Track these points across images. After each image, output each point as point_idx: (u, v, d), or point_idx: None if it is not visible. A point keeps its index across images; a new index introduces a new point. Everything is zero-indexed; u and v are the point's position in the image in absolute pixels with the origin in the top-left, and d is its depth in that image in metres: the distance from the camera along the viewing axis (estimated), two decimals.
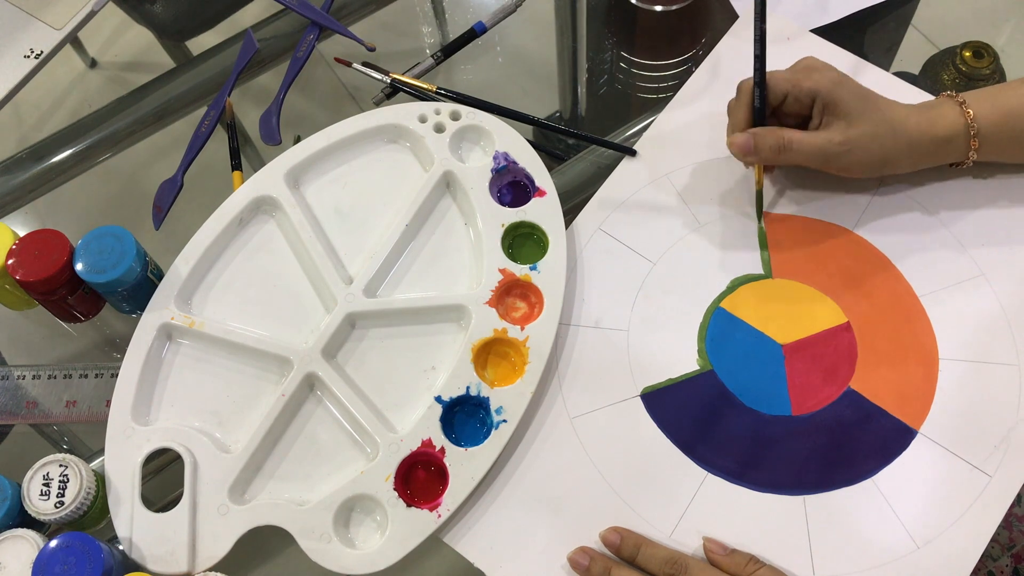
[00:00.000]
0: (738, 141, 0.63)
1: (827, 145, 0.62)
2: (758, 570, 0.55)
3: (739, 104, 0.65)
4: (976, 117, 0.62)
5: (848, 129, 0.61)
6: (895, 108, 0.63)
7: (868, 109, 0.62)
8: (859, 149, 0.62)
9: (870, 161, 0.63)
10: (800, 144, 0.62)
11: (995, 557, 0.71)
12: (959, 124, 0.62)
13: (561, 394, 0.63)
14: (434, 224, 0.68)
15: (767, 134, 0.62)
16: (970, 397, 0.60)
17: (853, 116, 0.61)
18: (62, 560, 0.54)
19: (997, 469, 0.58)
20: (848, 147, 0.61)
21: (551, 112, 0.79)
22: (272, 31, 0.81)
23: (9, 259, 0.63)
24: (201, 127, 0.75)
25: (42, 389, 0.65)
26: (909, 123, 0.62)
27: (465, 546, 0.59)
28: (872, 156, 0.62)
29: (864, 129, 0.61)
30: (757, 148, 0.62)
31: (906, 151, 0.63)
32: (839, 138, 0.61)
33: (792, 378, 0.62)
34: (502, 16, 0.79)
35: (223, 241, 0.67)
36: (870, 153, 0.62)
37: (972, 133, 0.62)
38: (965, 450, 0.59)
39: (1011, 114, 0.62)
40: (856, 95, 0.62)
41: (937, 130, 0.62)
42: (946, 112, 0.62)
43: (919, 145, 0.62)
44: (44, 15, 0.81)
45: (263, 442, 0.60)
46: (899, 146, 0.62)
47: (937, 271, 0.64)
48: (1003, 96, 0.63)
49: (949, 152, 0.64)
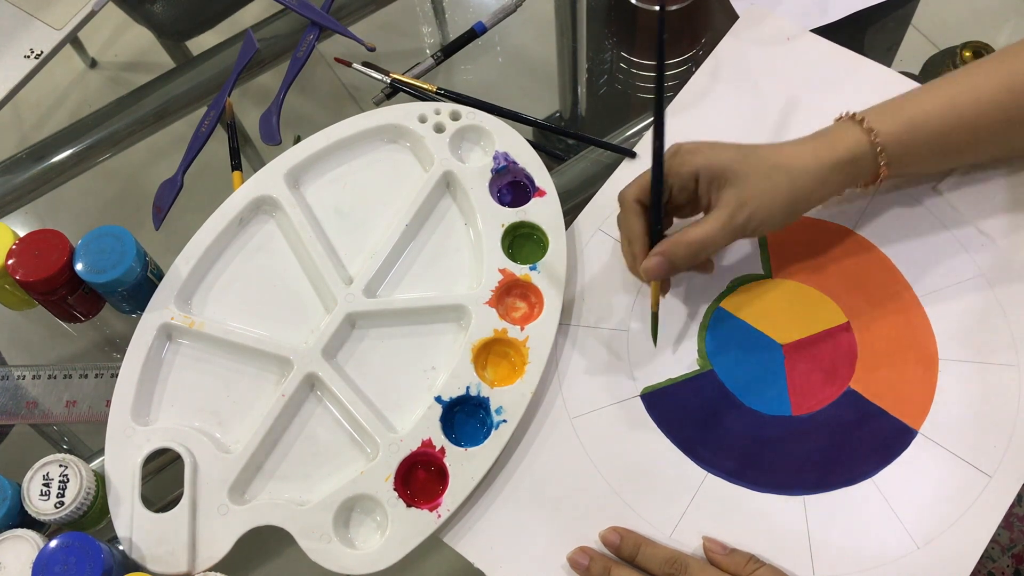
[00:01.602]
0: (651, 266, 0.59)
1: (729, 220, 0.58)
2: (758, 569, 0.55)
3: (628, 218, 0.61)
4: (878, 133, 0.59)
5: (741, 193, 0.58)
6: (782, 149, 0.60)
7: (751, 165, 0.59)
8: (760, 208, 0.58)
9: (777, 212, 0.59)
10: (708, 236, 0.58)
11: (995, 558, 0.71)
12: (862, 142, 0.59)
13: (561, 394, 0.63)
14: (434, 224, 0.68)
15: (675, 247, 0.59)
16: (970, 397, 0.60)
17: (740, 179, 0.58)
18: (62, 560, 0.54)
19: (997, 469, 0.58)
20: (748, 211, 0.58)
21: (551, 112, 0.79)
22: (272, 31, 0.81)
23: (9, 259, 0.63)
24: (201, 127, 0.75)
25: (42, 389, 0.65)
26: (802, 156, 0.59)
27: (465, 546, 0.59)
28: (777, 206, 0.59)
29: (755, 187, 0.58)
30: (673, 264, 0.59)
31: (811, 184, 0.59)
32: (735, 207, 0.58)
33: (792, 378, 0.62)
34: (502, 16, 0.79)
35: (223, 241, 0.67)
36: (773, 205, 0.59)
37: (878, 150, 0.59)
38: (965, 450, 0.59)
39: (914, 125, 0.60)
40: (735, 158, 0.59)
41: (839, 152, 0.59)
42: (845, 134, 0.60)
43: (821, 172, 0.59)
44: (44, 15, 0.81)
45: (263, 442, 0.60)
46: (800, 183, 0.59)
47: (937, 271, 0.64)
48: (903, 108, 0.60)
49: (857, 172, 0.61)
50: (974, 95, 0.60)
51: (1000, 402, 0.60)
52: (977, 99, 0.60)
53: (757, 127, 0.70)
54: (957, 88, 0.61)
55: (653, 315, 0.62)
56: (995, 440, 0.59)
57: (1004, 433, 0.59)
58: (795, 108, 0.71)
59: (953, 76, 0.62)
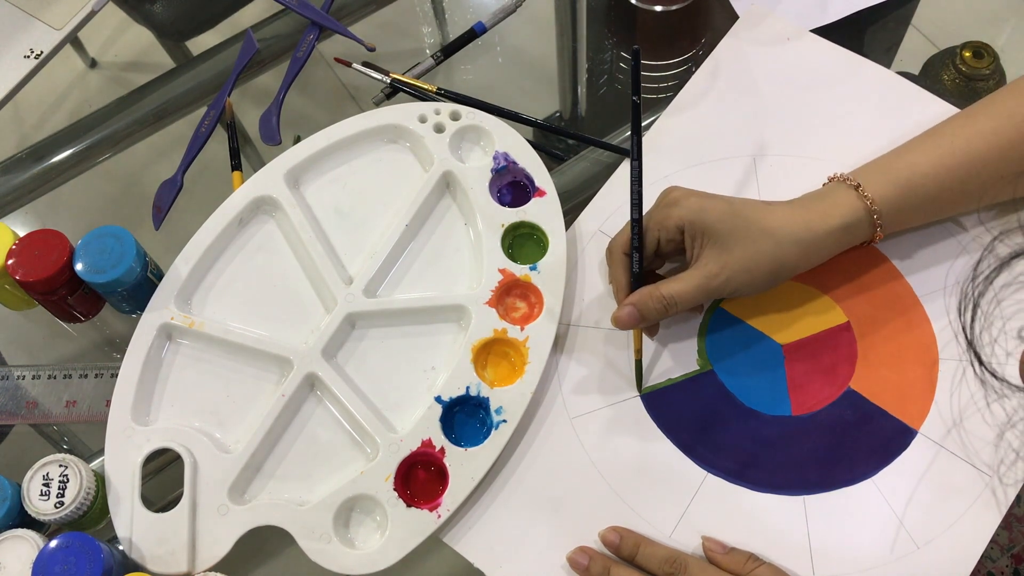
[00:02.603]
0: (622, 316, 0.59)
1: (705, 281, 0.58)
2: (757, 568, 0.55)
3: (614, 269, 0.62)
4: (875, 199, 0.59)
5: (721, 256, 0.58)
6: (773, 214, 0.59)
7: (738, 227, 0.58)
8: (740, 272, 0.58)
9: (758, 280, 0.59)
10: (682, 294, 0.58)
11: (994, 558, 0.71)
12: (858, 209, 0.59)
13: (561, 394, 0.63)
14: (434, 224, 0.68)
15: (647, 300, 0.58)
16: (970, 397, 0.60)
17: (723, 240, 0.57)
18: (62, 560, 0.54)
19: (997, 469, 0.58)
20: (726, 274, 0.58)
21: (551, 112, 0.79)
22: (272, 31, 0.81)
23: (9, 259, 0.63)
24: (201, 127, 0.75)
25: (42, 389, 0.65)
26: (793, 223, 0.58)
27: (465, 546, 0.59)
28: (757, 274, 0.58)
29: (738, 250, 0.58)
30: (644, 317, 0.59)
31: (797, 253, 0.58)
32: (714, 269, 0.58)
33: (792, 378, 0.62)
34: (502, 16, 0.79)
35: (223, 241, 0.67)
36: (753, 272, 0.58)
37: (874, 216, 0.59)
38: (965, 450, 0.59)
39: (910, 188, 0.59)
40: (723, 216, 0.58)
41: (833, 220, 0.59)
42: (841, 199, 0.59)
43: (812, 242, 0.59)
44: (44, 15, 0.81)
45: (263, 442, 0.60)
46: (786, 252, 0.58)
47: (937, 271, 0.64)
48: (898, 171, 0.60)
49: (851, 239, 0.60)
50: (967, 155, 0.59)
51: (1000, 402, 0.60)
52: (971, 159, 0.59)
53: (757, 127, 0.70)
54: (951, 145, 0.60)
55: (636, 362, 0.62)
56: (995, 440, 0.59)
57: (1004, 433, 0.59)
58: (795, 108, 0.71)
59: (945, 129, 0.61)
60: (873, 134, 0.67)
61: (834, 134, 0.69)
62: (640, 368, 0.62)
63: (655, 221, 0.60)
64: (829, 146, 0.69)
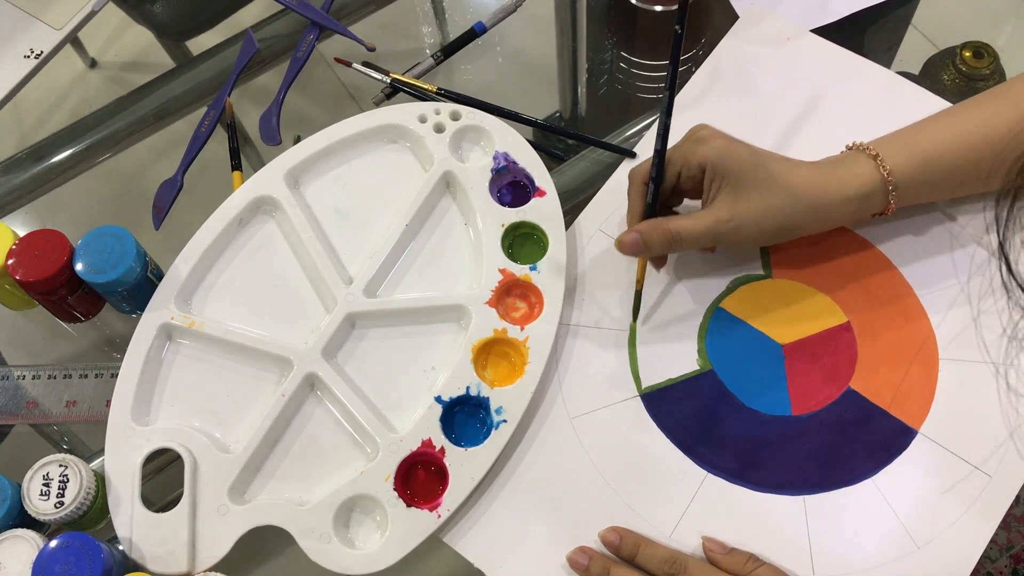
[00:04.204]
0: (626, 241, 0.59)
1: (715, 225, 0.58)
2: (757, 568, 0.55)
3: (632, 196, 0.62)
4: (892, 171, 0.59)
5: (735, 203, 0.58)
6: (795, 172, 0.59)
7: (758, 178, 0.58)
8: (750, 222, 0.58)
9: (767, 232, 0.59)
10: (689, 233, 0.58)
11: (993, 558, 0.71)
12: (875, 179, 0.59)
13: (561, 394, 0.63)
14: (434, 224, 0.68)
15: (653, 231, 0.59)
16: (970, 397, 0.60)
17: (741, 187, 0.58)
18: (62, 560, 0.54)
19: (997, 469, 0.58)
20: (736, 222, 0.58)
21: (551, 112, 0.79)
22: (272, 31, 0.81)
23: (9, 259, 0.63)
24: (201, 127, 0.75)
25: (42, 389, 0.65)
26: (812, 185, 0.58)
27: (465, 546, 0.59)
28: (767, 227, 0.58)
29: (754, 200, 0.58)
30: (647, 246, 0.59)
31: (810, 215, 0.59)
32: (726, 214, 0.58)
33: (792, 378, 0.62)
34: (502, 16, 0.79)
35: (223, 241, 0.67)
36: (764, 224, 0.58)
37: (890, 188, 0.59)
38: (965, 450, 0.59)
39: (927, 162, 0.59)
40: (745, 164, 0.58)
41: (849, 189, 0.59)
42: (859, 169, 0.59)
43: (826, 207, 0.59)
44: (44, 15, 0.81)
45: (263, 442, 0.60)
46: (800, 211, 0.58)
47: (937, 271, 0.64)
48: (917, 144, 0.60)
49: (866, 208, 0.60)
50: (985, 134, 0.59)
51: (1000, 402, 0.60)
52: (988, 138, 0.59)
53: (757, 127, 0.70)
54: (969, 123, 0.60)
55: (637, 293, 0.63)
56: (995, 440, 0.59)
57: (1004, 433, 0.59)
58: (795, 108, 0.71)
59: (964, 108, 0.62)
60: (873, 134, 0.66)
61: (834, 134, 0.69)
62: (639, 299, 0.62)
63: (679, 155, 0.60)
64: (829, 146, 0.69)
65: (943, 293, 0.64)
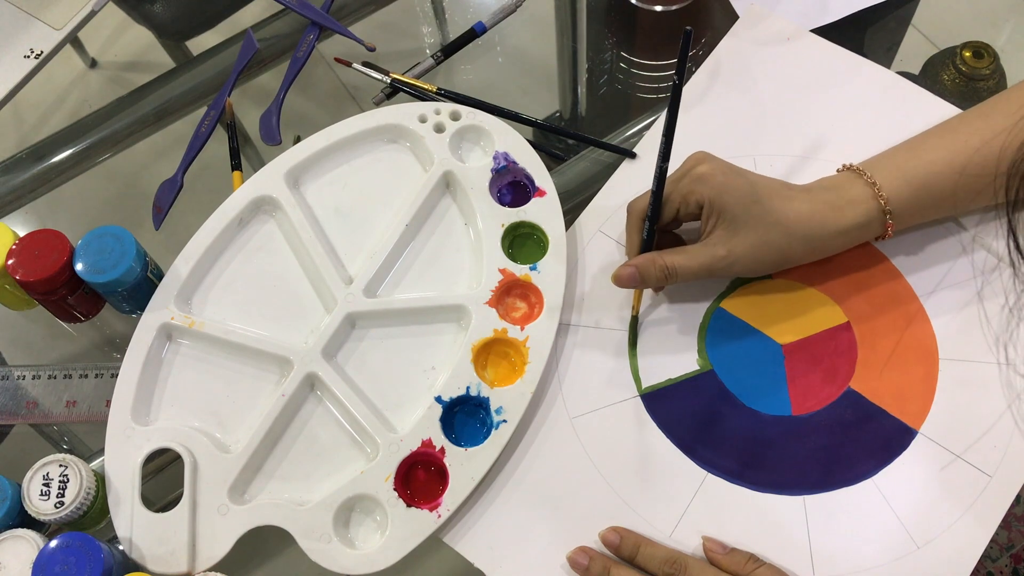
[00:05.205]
0: (623, 275, 0.60)
1: (711, 262, 0.59)
2: (757, 568, 0.55)
3: (630, 231, 0.63)
4: (889, 200, 0.59)
5: (731, 239, 0.59)
6: (791, 205, 0.59)
7: (754, 215, 0.58)
8: (746, 258, 0.59)
9: (763, 266, 0.61)
10: (685, 269, 0.59)
11: (994, 558, 0.71)
12: (872, 208, 0.59)
13: (561, 394, 0.63)
14: (434, 224, 0.68)
15: (650, 265, 0.60)
16: (970, 397, 0.60)
17: (738, 225, 0.58)
18: (62, 560, 0.54)
19: (997, 469, 0.58)
20: (732, 259, 0.59)
21: (551, 112, 0.79)
22: (272, 31, 0.81)
23: (9, 259, 0.63)
24: (201, 127, 0.75)
25: (42, 389, 0.65)
26: (808, 220, 0.59)
27: (465, 546, 0.59)
28: (762, 261, 0.60)
29: (750, 238, 0.58)
30: (643, 279, 0.60)
31: (806, 249, 0.60)
32: (722, 251, 0.59)
33: (792, 378, 0.62)
34: (502, 16, 0.79)
35: (223, 241, 0.67)
36: (759, 259, 0.59)
37: (887, 217, 0.60)
38: (965, 450, 0.59)
39: (923, 188, 0.59)
40: (742, 200, 0.58)
41: (846, 220, 0.59)
42: (855, 197, 0.60)
43: (823, 240, 0.60)
44: (44, 15, 0.81)
45: (263, 442, 0.60)
46: (795, 246, 0.59)
47: (937, 271, 0.64)
48: (910, 170, 0.60)
49: (863, 236, 0.61)
50: (983, 154, 0.59)
51: (1000, 402, 0.60)
52: (986, 159, 0.59)
53: (757, 127, 0.70)
54: (967, 144, 0.60)
55: (633, 318, 0.63)
56: (995, 440, 0.59)
57: (1004, 433, 0.59)
58: (795, 108, 0.71)
59: (961, 127, 0.61)
60: (873, 134, 0.66)
61: (834, 134, 0.69)
62: (634, 324, 0.63)
63: (678, 193, 0.60)
64: (829, 146, 0.69)
65: (943, 293, 0.63)
